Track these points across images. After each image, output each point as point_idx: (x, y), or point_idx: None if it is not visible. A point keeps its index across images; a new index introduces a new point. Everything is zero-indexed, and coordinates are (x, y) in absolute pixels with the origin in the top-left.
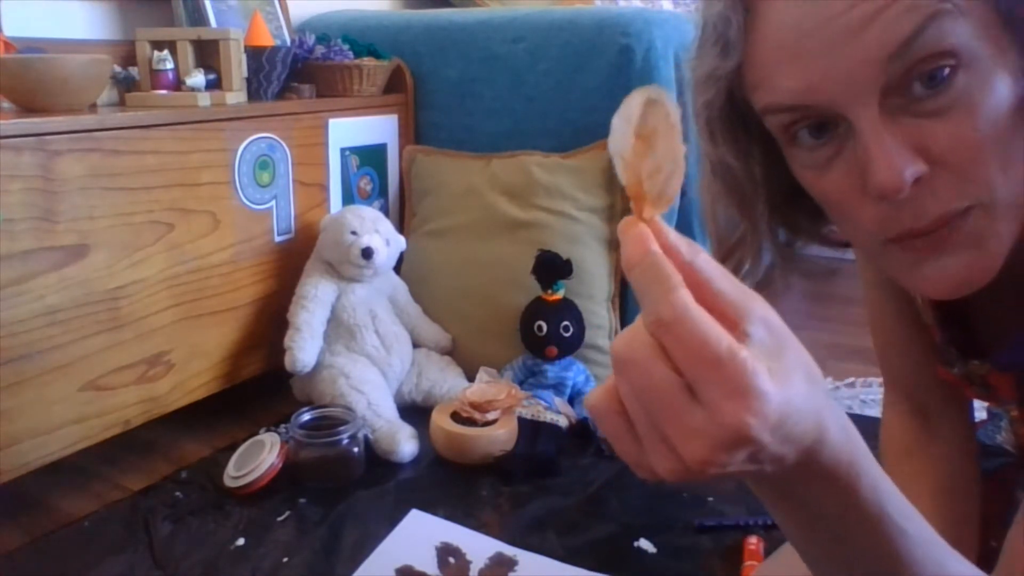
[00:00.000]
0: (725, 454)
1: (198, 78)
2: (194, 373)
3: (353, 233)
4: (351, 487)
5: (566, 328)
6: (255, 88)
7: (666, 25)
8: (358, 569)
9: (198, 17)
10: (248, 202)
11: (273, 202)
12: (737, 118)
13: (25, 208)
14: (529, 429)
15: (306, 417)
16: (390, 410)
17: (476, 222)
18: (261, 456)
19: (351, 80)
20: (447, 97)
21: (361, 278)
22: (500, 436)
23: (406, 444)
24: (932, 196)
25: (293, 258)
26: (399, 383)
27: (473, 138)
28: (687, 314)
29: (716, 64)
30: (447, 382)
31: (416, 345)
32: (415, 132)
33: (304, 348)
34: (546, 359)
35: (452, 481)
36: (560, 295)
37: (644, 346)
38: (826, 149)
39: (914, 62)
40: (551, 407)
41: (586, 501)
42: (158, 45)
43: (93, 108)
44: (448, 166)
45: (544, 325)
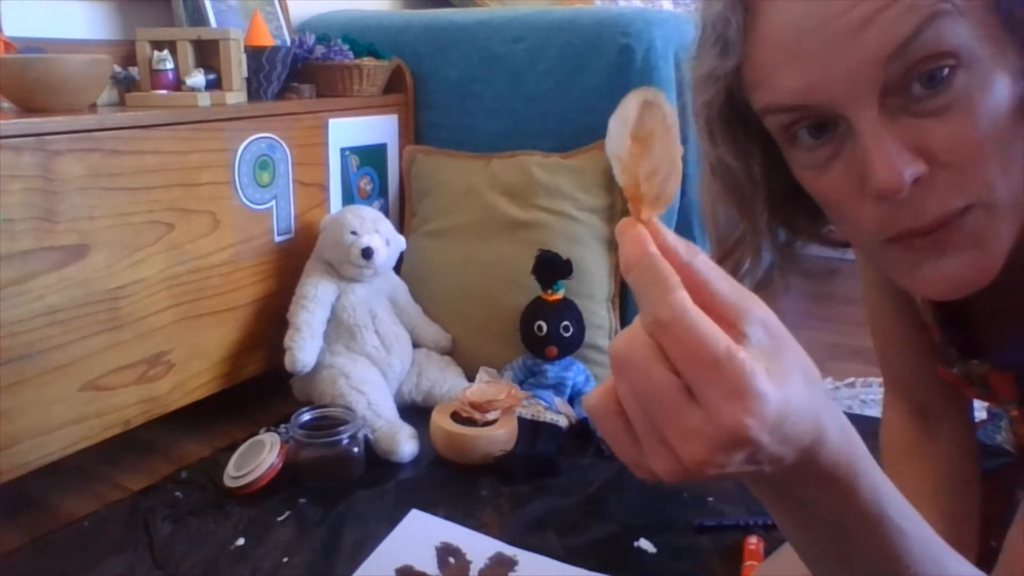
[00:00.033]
0: (723, 455)
1: (198, 78)
2: (194, 373)
3: (353, 233)
4: (351, 487)
5: (566, 328)
6: (255, 88)
7: (666, 25)
8: (358, 569)
9: (198, 17)
10: (248, 202)
11: (273, 202)
12: (737, 118)
13: (25, 208)
14: (529, 429)
15: (306, 417)
16: (390, 410)
17: (476, 222)
18: (261, 456)
19: (351, 80)
20: (447, 97)
21: (361, 278)
22: (500, 436)
23: (406, 444)
24: (932, 196)
25: (293, 258)
26: (399, 383)
27: (473, 138)
28: (685, 315)
29: (716, 64)
30: (447, 382)
31: (416, 345)
32: (415, 132)
33: (304, 348)
34: (546, 359)
35: (452, 481)
36: (560, 295)
37: (643, 347)
38: (825, 149)
39: (914, 62)
40: (551, 407)
41: (586, 501)
42: (158, 45)
43: (93, 108)
44: (448, 166)
45: (544, 325)
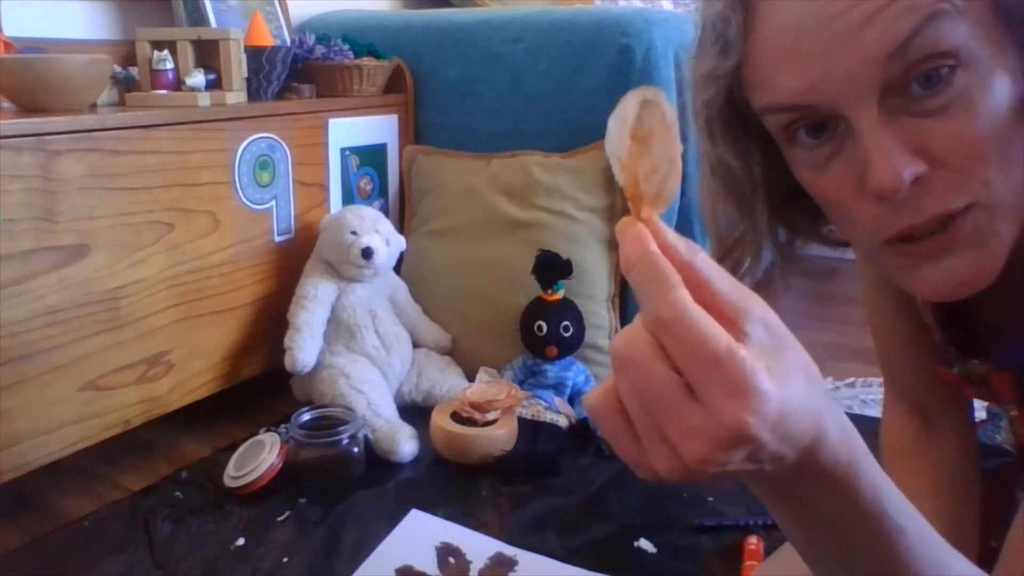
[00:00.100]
0: (724, 453)
1: (198, 78)
2: (194, 373)
3: (353, 233)
4: (351, 487)
5: (566, 328)
6: (255, 88)
7: (666, 25)
8: (358, 569)
9: (198, 17)
10: (248, 202)
11: (273, 202)
12: (736, 118)
13: (25, 208)
14: (529, 429)
15: (306, 417)
16: (390, 410)
17: (476, 222)
18: (261, 456)
19: (351, 80)
20: (447, 97)
21: (361, 278)
22: (500, 436)
23: (406, 444)
24: (931, 196)
25: (293, 258)
26: (399, 383)
27: (473, 138)
28: (686, 313)
29: (715, 64)
30: (447, 382)
31: (416, 345)
32: (415, 132)
33: (304, 348)
34: (546, 359)
35: (452, 481)
36: (560, 295)
37: (643, 345)
38: (825, 148)
39: (913, 62)
40: (551, 407)
41: (586, 501)
42: (158, 45)
43: (93, 108)
44: (448, 166)
45: (544, 325)
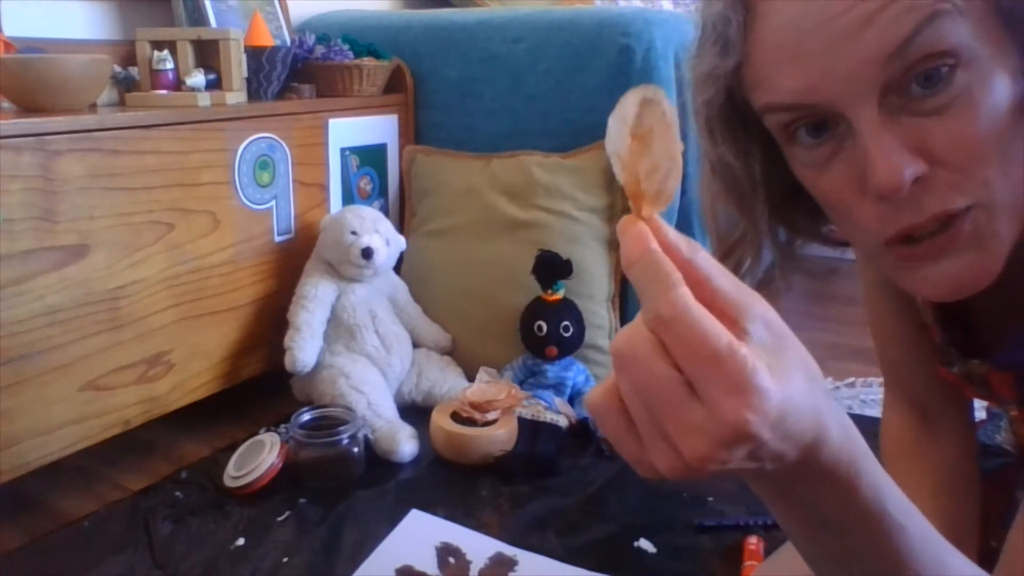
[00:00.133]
0: (725, 451)
1: (198, 78)
2: (194, 373)
3: (353, 233)
4: (351, 487)
5: (566, 328)
6: (255, 88)
7: (666, 25)
8: (358, 569)
9: (198, 17)
10: (248, 202)
11: (273, 202)
12: (737, 117)
13: (25, 208)
14: (529, 429)
15: (306, 417)
16: (390, 410)
17: (476, 222)
18: (261, 456)
19: (351, 80)
20: (447, 97)
21: (361, 278)
22: (500, 436)
23: (406, 444)
24: (932, 196)
25: (293, 258)
26: (399, 383)
27: (473, 138)
28: (687, 311)
29: (716, 63)
30: (447, 382)
31: (416, 345)
32: (415, 132)
33: (304, 348)
34: (546, 359)
35: (452, 481)
36: (560, 295)
37: (644, 343)
38: (825, 148)
39: (913, 61)
40: (551, 407)
41: (586, 501)
42: (158, 45)
43: (93, 108)
44: (448, 166)
45: (544, 325)
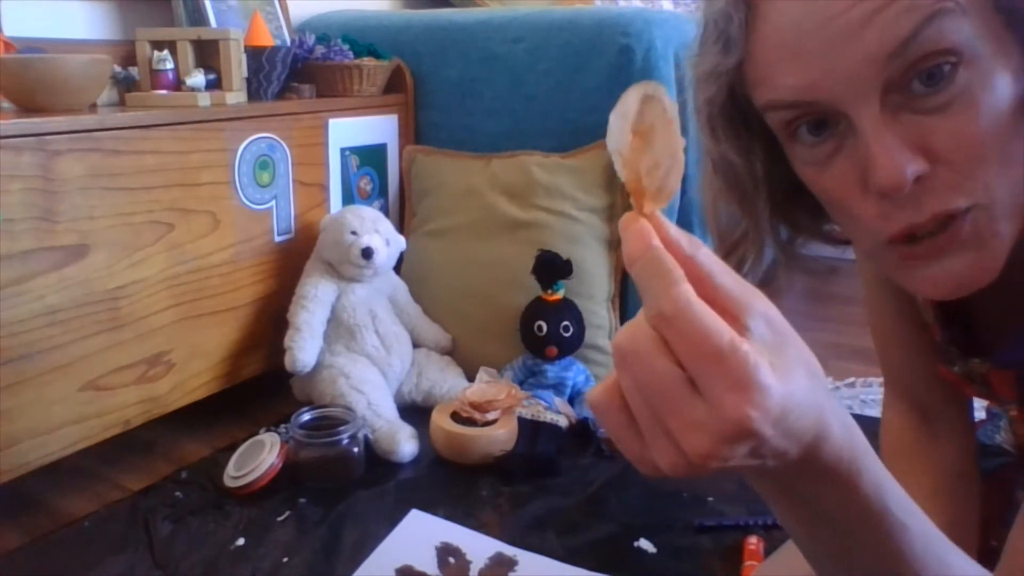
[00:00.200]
0: (727, 447)
1: (198, 78)
2: (194, 373)
3: (353, 233)
4: (351, 487)
5: (566, 328)
6: (255, 88)
7: (666, 25)
8: (358, 569)
9: (198, 17)
10: (248, 202)
11: (273, 202)
12: (738, 115)
13: (25, 208)
14: (529, 429)
15: (306, 417)
16: (390, 410)
17: (476, 222)
18: (261, 456)
19: (351, 80)
20: (447, 97)
21: (361, 278)
22: (500, 436)
23: (406, 444)
24: (932, 195)
25: (293, 258)
26: (399, 383)
27: (473, 138)
28: (689, 308)
29: (717, 61)
30: (447, 382)
31: (416, 345)
32: (415, 132)
33: (304, 348)
34: (546, 359)
35: (452, 481)
36: (560, 295)
37: (646, 340)
38: (826, 146)
39: (914, 60)
40: (551, 407)
41: (586, 501)
42: (158, 45)
43: (93, 108)
44: (448, 166)
45: (544, 325)
